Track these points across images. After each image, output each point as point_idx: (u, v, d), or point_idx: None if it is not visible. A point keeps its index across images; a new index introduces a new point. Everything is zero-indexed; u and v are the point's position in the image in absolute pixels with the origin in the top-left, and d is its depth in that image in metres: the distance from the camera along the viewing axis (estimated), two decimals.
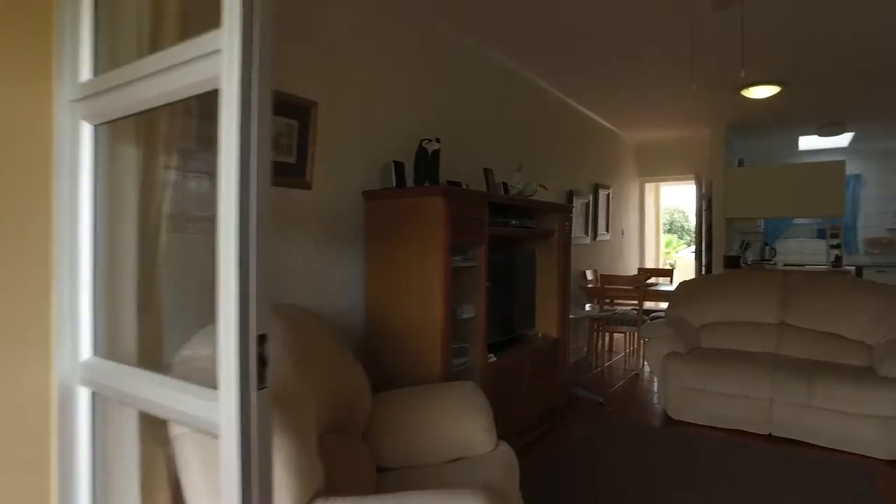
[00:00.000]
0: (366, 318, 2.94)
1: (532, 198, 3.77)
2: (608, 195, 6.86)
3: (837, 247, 6.45)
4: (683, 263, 9.93)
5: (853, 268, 7.36)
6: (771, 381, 3.55)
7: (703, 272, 7.12)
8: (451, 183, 3.26)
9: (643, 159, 8.29)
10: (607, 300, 5.70)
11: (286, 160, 2.72)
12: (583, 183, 6.18)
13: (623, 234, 7.58)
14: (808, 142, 7.79)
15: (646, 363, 4.85)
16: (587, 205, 6.19)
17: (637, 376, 5.31)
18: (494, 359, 3.09)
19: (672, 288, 5.76)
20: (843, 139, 7.59)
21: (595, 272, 6.33)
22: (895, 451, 3.26)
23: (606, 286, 5.44)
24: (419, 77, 3.51)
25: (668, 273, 6.47)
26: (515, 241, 3.84)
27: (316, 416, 1.69)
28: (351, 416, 2.06)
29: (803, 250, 8.95)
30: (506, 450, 2.17)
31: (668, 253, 11.02)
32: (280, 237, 2.60)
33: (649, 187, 8.63)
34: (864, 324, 3.81)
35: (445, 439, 2.11)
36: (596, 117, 6.53)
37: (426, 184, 3.03)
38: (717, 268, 6.83)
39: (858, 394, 3.32)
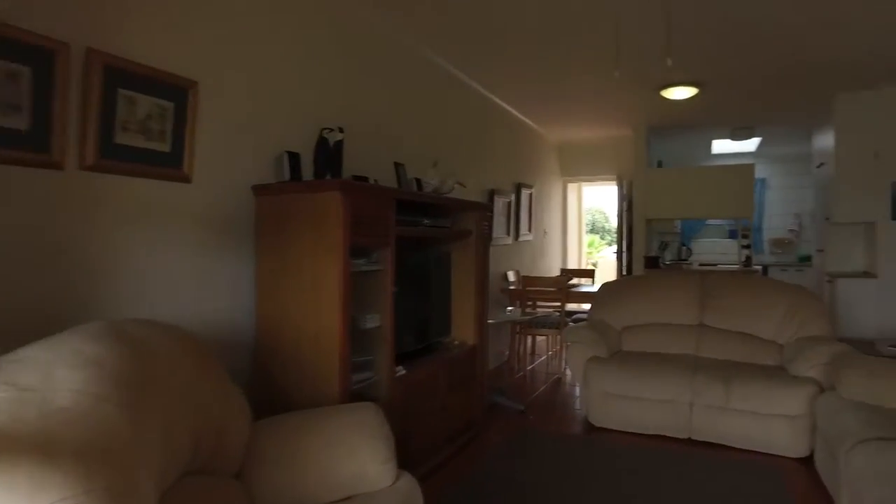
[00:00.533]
0: (257, 330, 2.59)
1: (449, 196, 3.52)
2: (531, 195, 6.75)
3: (748, 247, 6.64)
4: (605, 264, 10.06)
5: (760, 267, 7.66)
6: (691, 385, 3.48)
7: (624, 273, 7.16)
8: (356, 178, 2.95)
9: (566, 159, 8.27)
10: (529, 302, 5.56)
11: (158, 148, 2.32)
12: (505, 182, 6.03)
13: (546, 234, 7.52)
14: (720, 146, 8.03)
15: (568, 367, 4.72)
16: (509, 204, 6.04)
17: (559, 380, 5.19)
18: (404, 372, 2.81)
19: (594, 289, 5.69)
20: (752, 144, 7.87)
21: (517, 273, 6.19)
22: (804, 450, 3.26)
23: (528, 288, 5.29)
24: (324, 60, 3.17)
25: (591, 274, 6.44)
26: (429, 242, 3.58)
27: (160, 468, 1.35)
28: (220, 454, 1.71)
29: (716, 250, 9.25)
30: (407, 482, 1.89)
31: (590, 253, 11.17)
32: (149, 238, 2.20)
33: (572, 187, 8.64)
34: (775, 323, 3.83)
35: (336, 474, 1.80)
36: (519, 115, 6.39)
37: (328, 177, 2.71)
38: (638, 268, 6.88)
39: (770, 394, 3.30)
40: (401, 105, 3.99)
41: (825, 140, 6.08)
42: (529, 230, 6.74)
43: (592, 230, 12.49)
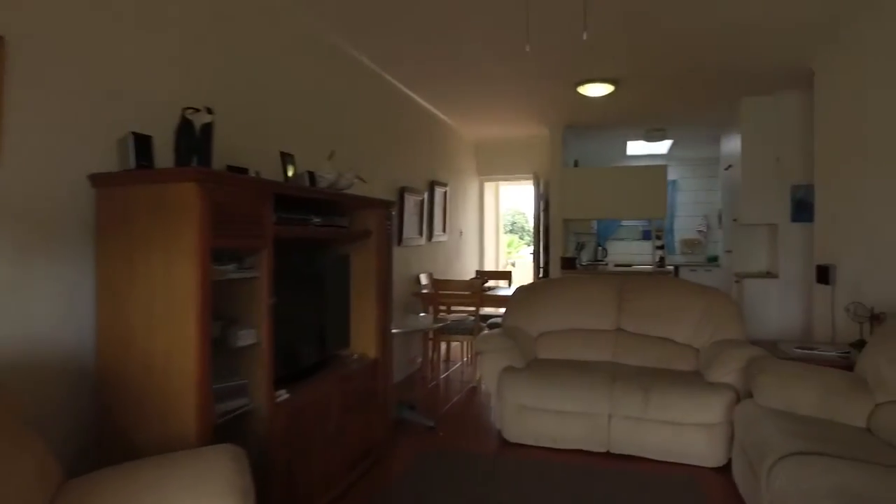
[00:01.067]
0: (97, 355, 2.09)
1: (347, 192, 3.13)
2: (445, 193, 6.46)
3: (661, 247, 6.68)
4: (524, 264, 9.97)
5: (672, 267, 7.78)
6: (609, 396, 3.28)
7: (541, 274, 7.02)
8: (233, 169, 2.50)
9: (483, 158, 8.06)
10: (443, 307, 5.26)
11: None
12: (417, 179, 5.69)
13: (461, 234, 7.26)
14: (634, 147, 8.10)
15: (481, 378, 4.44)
16: (422, 203, 5.71)
17: (474, 389, 4.91)
18: (287, 396, 2.39)
19: (511, 291, 5.47)
20: (664, 146, 7.99)
21: (430, 276, 5.87)
22: (721, 459, 3.15)
23: (440, 292, 4.98)
24: (192, 24, 2.69)
25: (507, 275, 6.24)
26: (323, 243, 3.17)
27: None
28: None
29: (631, 251, 9.38)
30: None
31: (509, 253, 11.08)
32: None
33: (489, 186, 8.45)
34: (690, 326, 3.73)
35: None
36: (434, 110, 6.08)
37: (194, 165, 2.25)
38: (555, 269, 6.75)
39: (688, 403, 3.16)
40: (295, 91, 3.55)
41: (732, 143, 6.18)
42: (444, 230, 6.44)
43: (512, 230, 12.44)
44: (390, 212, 3.40)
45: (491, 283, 6.26)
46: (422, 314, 4.99)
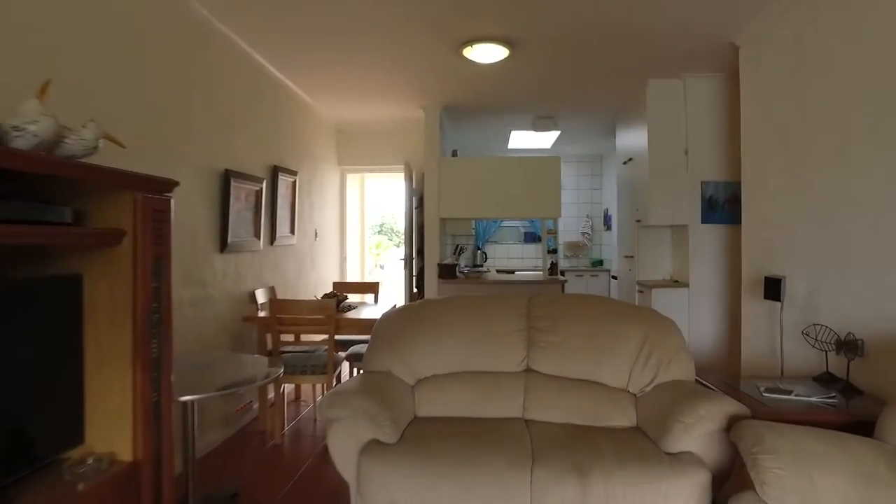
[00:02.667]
0: None
1: (76, 160, 1.68)
2: (294, 184, 5.02)
3: (554, 251, 5.79)
4: (396, 269, 8.73)
5: (562, 274, 6.99)
6: (528, 488, 2.12)
7: (415, 285, 5.83)
8: None
9: (346, 145, 6.70)
10: (289, 333, 3.86)
11: None
12: (252, 162, 4.21)
13: (317, 236, 5.85)
14: (517, 139, 7.20)
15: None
16: (258, 194, 4.24)
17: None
18: None
19: (379, 309, 4.20)
20: (549, 139, 7.19)
21: (272, 293, 4.42)
22: None
23: (280, 315, 3.57)
24: None
25: (374, 288, 4.97)
26: (21, 253, 1.69)
27: None
28: None
29: (511, 255, 8.53)
30: None
31: (377, 255, 9.77)
32: None
33: (353, 179, 7.10)
34: (625, 364, 2.70)
35: None
36: (280, 76, 4.62)
37: None
38: (431, 279, 5.59)
39: (646, 492, 2.10)
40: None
41: (632, 135, 5.43)
42: (292, 231, 5.00)
43: (381, 231, 11.08)
44: (168, 198, 1.96)
45: (354, 298, 4.94)
46: (256, 355, 3.56)
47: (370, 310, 4.21)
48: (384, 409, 2.35)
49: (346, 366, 4.43)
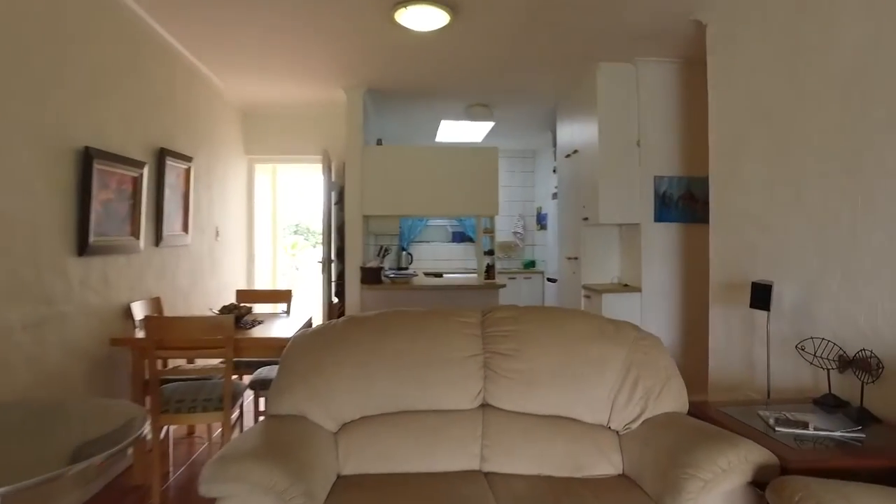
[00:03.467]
0: None
1: None
2: (188, 172, 4.16)
3: (491, 252, 5.25)
4: (314, 272, 7.90)
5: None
6: None
7: (334, 293, 5.10)
8: None
9: (255, 130, 5.84)
10: (177, 358, 3.04)
11: None
12: (127, 141, 3.33)
13: (218, 235, 4.98)
14: (447, 130, 6.61)
15: None
16: (136, 182, 3.36)
17: None
18: None
19: (293, 326, 3.48)
20: (481, 131, 6.65)
21: (156, 306, 3.56)
22: None
23: (159, 339, 2.75)
24: None
25: (286, 297, 4.19)
26: None
27: None
28: None
29: (439, 256, 7.94)
30: None
31: (294, 256, 8.85)
32: None
33: (263, 170, 6.23)
34: (606, 395, 2.16)
35: None
36: (173, 41, 3.75)
37: None
38: (353, 286, 4.88)
39: None
40: None
41: (578, 125, 4.98)
42: (185, 228, 4.14)
43: (297, 231, 10.08)
44: None
45: (263, 309, 4.15)
46: (122, 401, 2.74)
47: (281, 324, 3.45)
48: (295, 477, 1.65)
49: (251, 396, 3.65)
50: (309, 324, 3.72)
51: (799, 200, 2.64)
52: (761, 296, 2.65)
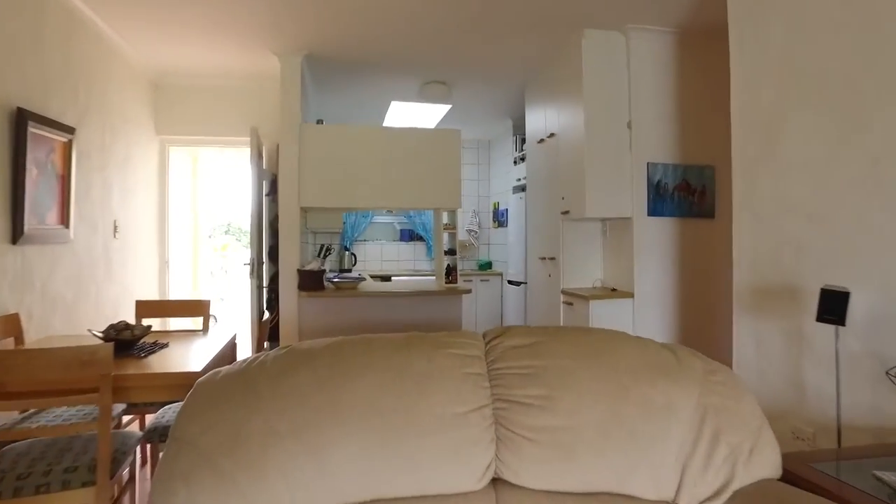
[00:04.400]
0: None
1: None
2: (68, 147, 3.19)
3: (452, 252, 4.50)
4: (244, 279, 6.89)
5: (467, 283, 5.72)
6: None
7: (265, 302, 4.25)
8: None
9: (168, 105, 4.87)
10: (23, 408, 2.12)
11: None
12: None
13: (117, 232, 3.99)
14: (397, 113, 5.83)
15: None
16: None
17: None
18: None
19: (210, 352, 2.62)
20: (435, 115, 5.92)
21: (13, 325, 2.59)
22: None
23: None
24: None
25: (201, 309, 3.27)
26: None
27: None
28: None
29: (386, 256, 7.14)
30: None
31: (224, 258, 7.78)
32: None
33: (180, 154, 5.24)
34: (677, 457, 1.46)
35: None
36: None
37: None
38: (288, 293, 4.03)
39: None
40: None
41: (555, 105, 4.32)
42: (65, 221, 3.17)
43: (228, 231, 8.86)
44: None
45: (176, 324, 3.23)
46: None
47: (195, 349, 2.58)
48: None
49: (144, 452, 2.74)
50: (231, 349, 2.86)
51: (874, 182, 2.05)
52: (834, 306, 2.04)
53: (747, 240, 2.70)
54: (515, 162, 6.11)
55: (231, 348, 2.87)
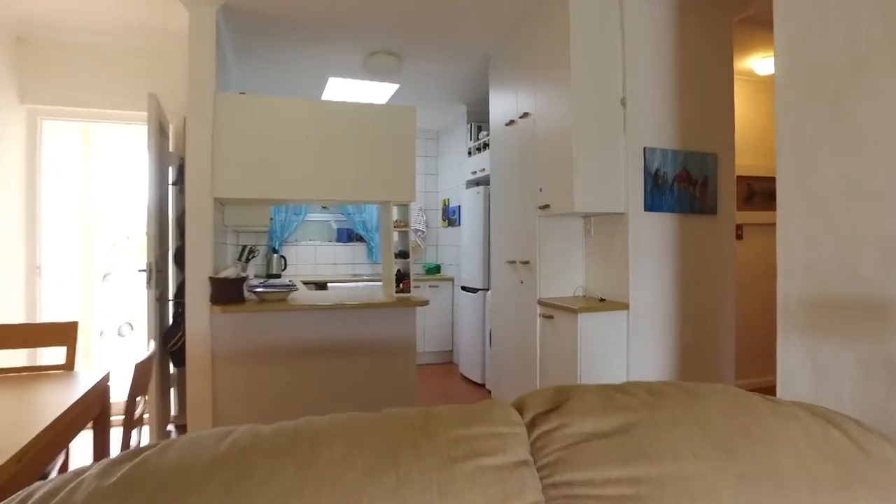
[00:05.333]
0: None
1: None
2: None
3: (404, 255, 3.73)
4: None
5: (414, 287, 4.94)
6: None
7: (171, 317, 3.35)
8: None
9: (39, 66, 3.83)
10: None
11: None
12: None
13: None
14: (334, 90, 5.01)
15: None
16: None
17: None
18: None
19: (67, 394, 1.74)
20: (382, 95, 5.14)
21: None
22: None
23: None
24: None
25: (66, 336, 2.32)
26: None
27: None
28: None
29: (321, 260, 6.28)
30: None
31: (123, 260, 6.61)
32: None
33: (65, 130, 4.18)
34: None
35: None
36: None
37: None
38: (198, 309, 3.15)
39: None
40: None
41: (535, 81, 3.66)
42: None
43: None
44: None
45: (50, 356, 2.30)
46: None
47: (28, 408, 1.69)
48: None
49: None
50: (100, 399, 1.98)
51: None
52: None
53: (800, 238, 2.10)
54: (470, 153, 5.43)
55: (98, 398, 1.99)
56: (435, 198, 6.61)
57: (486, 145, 5.08)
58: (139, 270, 3.43)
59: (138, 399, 1.95)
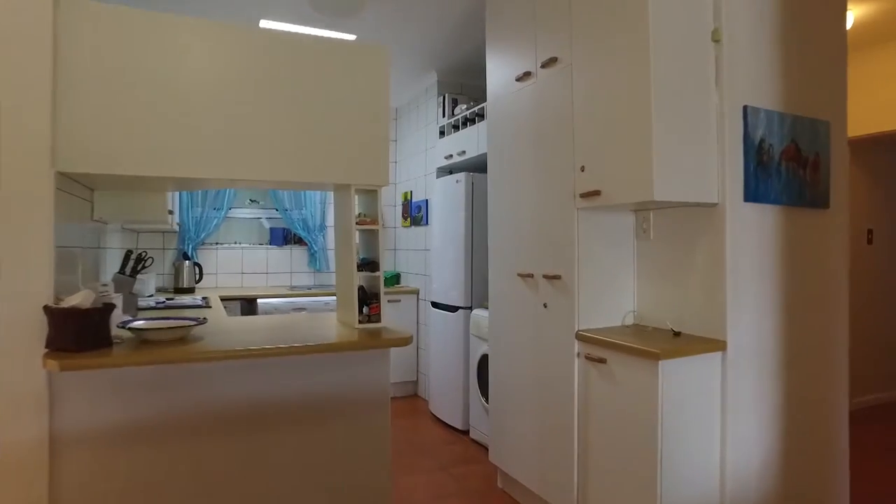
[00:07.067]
0: None
1: None
2: None
3: (369, 265, 2.53)
4: None
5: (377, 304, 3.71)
6: None
7: None
8: None
9: None
10: None
11: None
12: None
13: None
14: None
15: None
16: None
17: None
18: None
19: None
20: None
21: None
22: None
23: None
24: None
25: None
26: None
27: None
28: None
29: (250, 268, 4.97)
30: None
31: None
32: None
33: None
34: None
35: None
36: None
37: None
38: (16, 365, 1.84)
39: None
40: None
41: (551, 25, 2.57)
42: None
43: None
44: None
45: None
46: None
47: None
48: None
49: None
50: None
51: None
52: None
53: None
54: (443, 132, 4.30)
55: None
56: (392, 191, 5.42)
57: (466, 121, 3.96)
58: None
59: None
